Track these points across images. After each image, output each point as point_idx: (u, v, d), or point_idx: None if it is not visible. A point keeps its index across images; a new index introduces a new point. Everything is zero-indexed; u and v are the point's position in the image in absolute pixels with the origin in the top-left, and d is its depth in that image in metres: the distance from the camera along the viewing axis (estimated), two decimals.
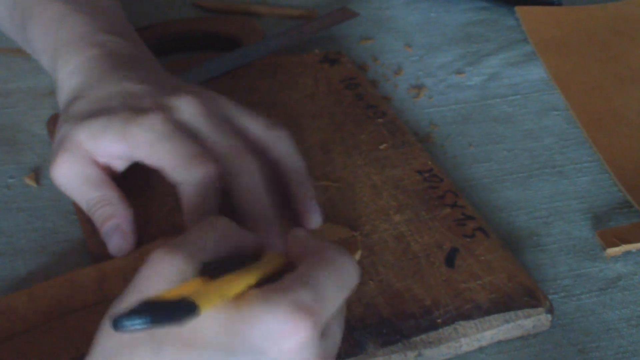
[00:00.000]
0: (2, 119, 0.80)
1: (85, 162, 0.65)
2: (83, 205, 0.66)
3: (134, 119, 0.64)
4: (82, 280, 0.62)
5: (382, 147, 0.75)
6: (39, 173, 0.74)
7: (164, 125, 0.64)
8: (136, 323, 0.40)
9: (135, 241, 0.64)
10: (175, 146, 0.63)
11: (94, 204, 0.65)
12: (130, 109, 0.65)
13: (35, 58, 0.79)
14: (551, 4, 0.96)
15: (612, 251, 0.68)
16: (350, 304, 0.61)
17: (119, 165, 0.67)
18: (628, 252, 0.69)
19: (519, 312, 0.62)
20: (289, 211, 0.66)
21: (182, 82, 0.70)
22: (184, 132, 0.64)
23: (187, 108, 0.65)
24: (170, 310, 0.41)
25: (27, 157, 0.75)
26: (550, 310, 0.62)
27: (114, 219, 0.64)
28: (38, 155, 0.76)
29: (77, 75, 0.70)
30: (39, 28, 0.75)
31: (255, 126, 0.66)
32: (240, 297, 0.46)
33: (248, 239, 0.53)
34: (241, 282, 0.47)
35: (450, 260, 0.65)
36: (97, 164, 0.65)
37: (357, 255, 0.65)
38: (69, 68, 0.70)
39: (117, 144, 0.64)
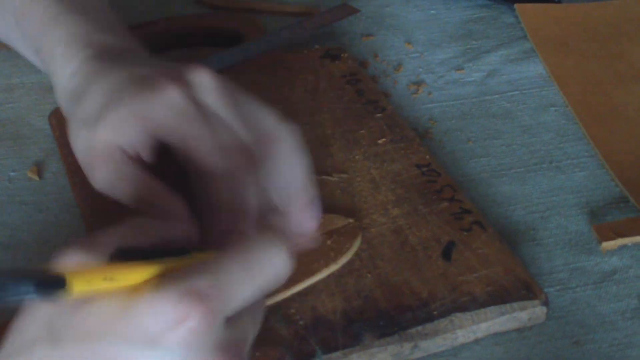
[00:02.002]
0: (5, 114, 0.80)
1: (120, 162, 0.62)
2: (133, 203, 0.62)
3: (151, 97, 0.63)
4: None
5: (381, 142, 0.75)
6: (42, 167, 0.75)
7: (183, 100, 0.63)
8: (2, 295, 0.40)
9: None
10: (204, 130, 0.63)
11: (144, 200, 0.61)
12: (144, 89, 0.64)
13: (28, 58, 0.79)
14: (551, 1, 0.97)
15: (608, 245, 0.69)
16: (348, 297, 0.62)
17: (149, 153, 0.65)
18: (623, 246, 0.69)
19: (515, 305, 0.62)
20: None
21: (186, 65, 0.69)
22: (205, 112, 0.64)
23: (203, 84, 0.65)
24: (40, 285, 0.41)
25: (30, 151, 0.76)
26: (545, 303, 0.63)
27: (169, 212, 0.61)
28: (41, 149, 0.76)
29: (78, 76, 0.69)
30: (32, 28, 0.74)
31: (266, 118, 0.64)
32: (137, 286, 0.45)
33: (172, 235, 0.51)
34: (140, 270, 0.45)
35: (447, 254, 0.66)
36: (131, 159, 0.62)
37: (357, 241, 0.65)
38: (69, 70, 0.70)
39: (138, 127, 0.63)
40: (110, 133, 0.63)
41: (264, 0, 0.97)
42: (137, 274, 0.45)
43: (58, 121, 0.76)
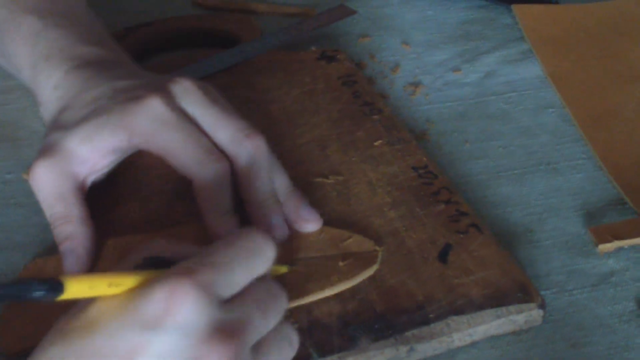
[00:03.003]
0: (2, 116, 0.80)
1: (62, 174, 0.65)
2: (47, 215, 0.65)
3: (132, 106, 0.64)
4: (105, 252, 0.65)
5: (377, 143, 0.75)
6: None
7: (165, 109, 0.64)
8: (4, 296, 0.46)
9: (89, 264, 0.64)
10: (184, 137, 0.64)
11: (56, 219, 0.65)
12: (125, 100, 0.65)
13: (12, 74, 0.79)
14: (548, 2, 0.97)
15: (605, 247, 0.69)
16: (344, 299, 0.62)
17: (116, 159, 0.67)
18: (620, 249, 0.69)
19: (512, 308, 0.62)
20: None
21: (169, 77, 0.70)
22: (187, 118, 0.65)
23: (185, 92, 0.66)
24: (38, 287, 0.45)
25: (26, 153, 0.76)
26: (542, 306, 0.63)
27: (70, 241, 0.64)
28: (37, 151, 0.76)
29: (61, 89, 0.69)
30: (15, 44, 0.74)
31: (223, 134, 0.66)
32: (138, 284, 0.48)
33: (183, 252, 0.53)
34: (143, 275, 0.49)
35: (443, 256, 0.65)
36: (74, 177, 0.65)
37: (368, 272, 0.64)
38: (52, 83, 0.70)
39: (117, 136, 0.64)
40: (83, 141, 0.65)
41: (261, 1, 0.97)
42: (141, 278, 0.48)
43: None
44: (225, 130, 0.65)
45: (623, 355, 0.62)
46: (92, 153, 0.65)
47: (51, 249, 0.67)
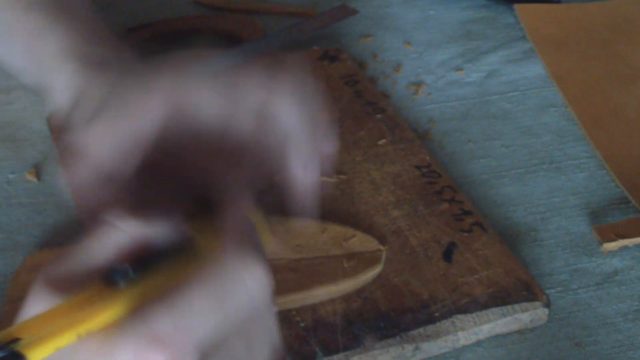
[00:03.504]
0: (4, 116, 0.80)
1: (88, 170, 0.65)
2: (82, 212, 0.63)
3: (141, 108, 0.64)
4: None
5: (381, 142, 0.75)
6: (40, 169, 0.74)
7: (175, 110, 0.64)
8: None
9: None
10: (194, 140, 0.64)
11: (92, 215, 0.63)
12: (136, 99, 0.65)
13: (13, 74, 0.79)
14: (550, 1, 0.97)
15: (609, 246, 0.68)
16: (349, 298, 0.62)
17: (135, 161, 0.66)
18: (625, 247, 0.69)
19: (516, 306, 0.62)
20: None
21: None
22: (196, 117, 0.65)
23: (195, 90, 0.66)
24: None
25: (28, 153, 0.76)
26: (547, 305, 0.63)
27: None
28: (39, 151, 0.76)
29: (69, 89, 0.69)
30: (18, 43, 0.74)
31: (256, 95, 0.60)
32: (110, 326, 0.42)
33: (164, 233, 0.47)
34: (108, 311, 0.42)
35: (448, 255, 0.65)
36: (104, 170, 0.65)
37: (377, 269, 0.64)
38: (59, 83, 0.70)
39: (128, 138, 0.64)
40: (97, 140, 0.64)
41: (263, 1, 0.97)
42: (106, 315, 0.42)
43: (57, 124, 0.76)
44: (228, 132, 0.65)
45: (627, 354, 0.62)
46: (105, 152, 0.64)
47: (53, 249, 0.67)
